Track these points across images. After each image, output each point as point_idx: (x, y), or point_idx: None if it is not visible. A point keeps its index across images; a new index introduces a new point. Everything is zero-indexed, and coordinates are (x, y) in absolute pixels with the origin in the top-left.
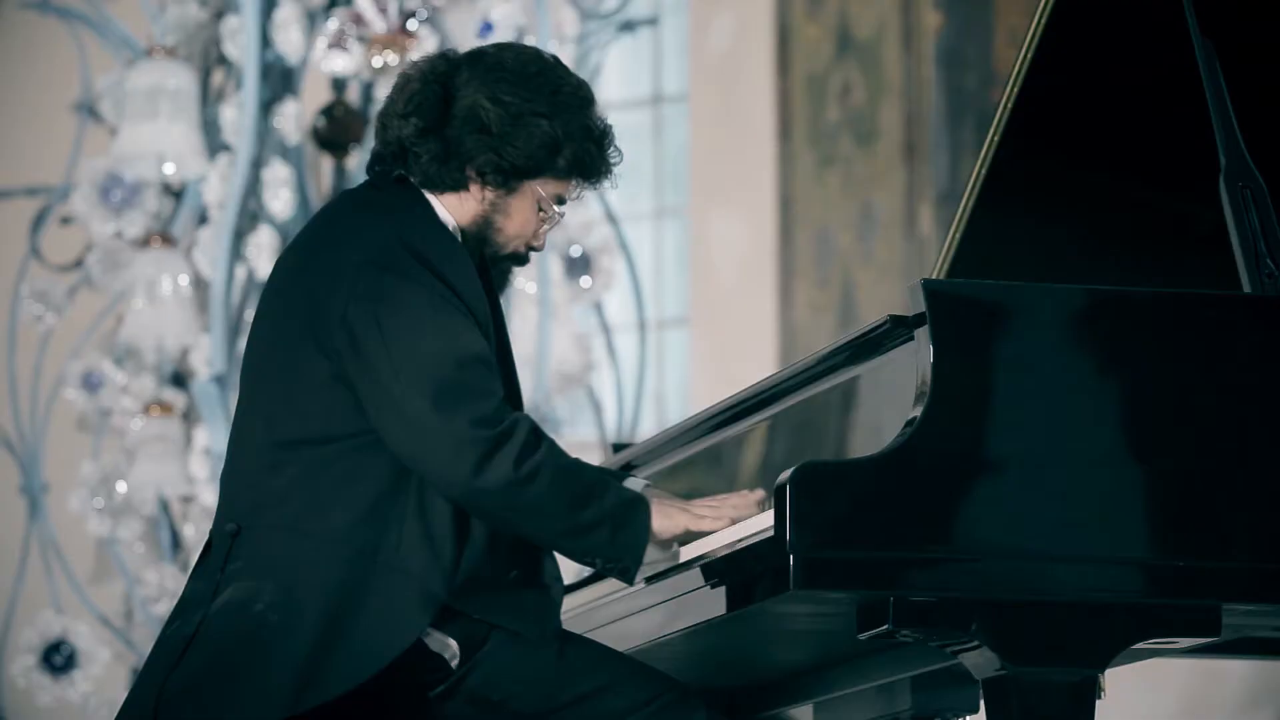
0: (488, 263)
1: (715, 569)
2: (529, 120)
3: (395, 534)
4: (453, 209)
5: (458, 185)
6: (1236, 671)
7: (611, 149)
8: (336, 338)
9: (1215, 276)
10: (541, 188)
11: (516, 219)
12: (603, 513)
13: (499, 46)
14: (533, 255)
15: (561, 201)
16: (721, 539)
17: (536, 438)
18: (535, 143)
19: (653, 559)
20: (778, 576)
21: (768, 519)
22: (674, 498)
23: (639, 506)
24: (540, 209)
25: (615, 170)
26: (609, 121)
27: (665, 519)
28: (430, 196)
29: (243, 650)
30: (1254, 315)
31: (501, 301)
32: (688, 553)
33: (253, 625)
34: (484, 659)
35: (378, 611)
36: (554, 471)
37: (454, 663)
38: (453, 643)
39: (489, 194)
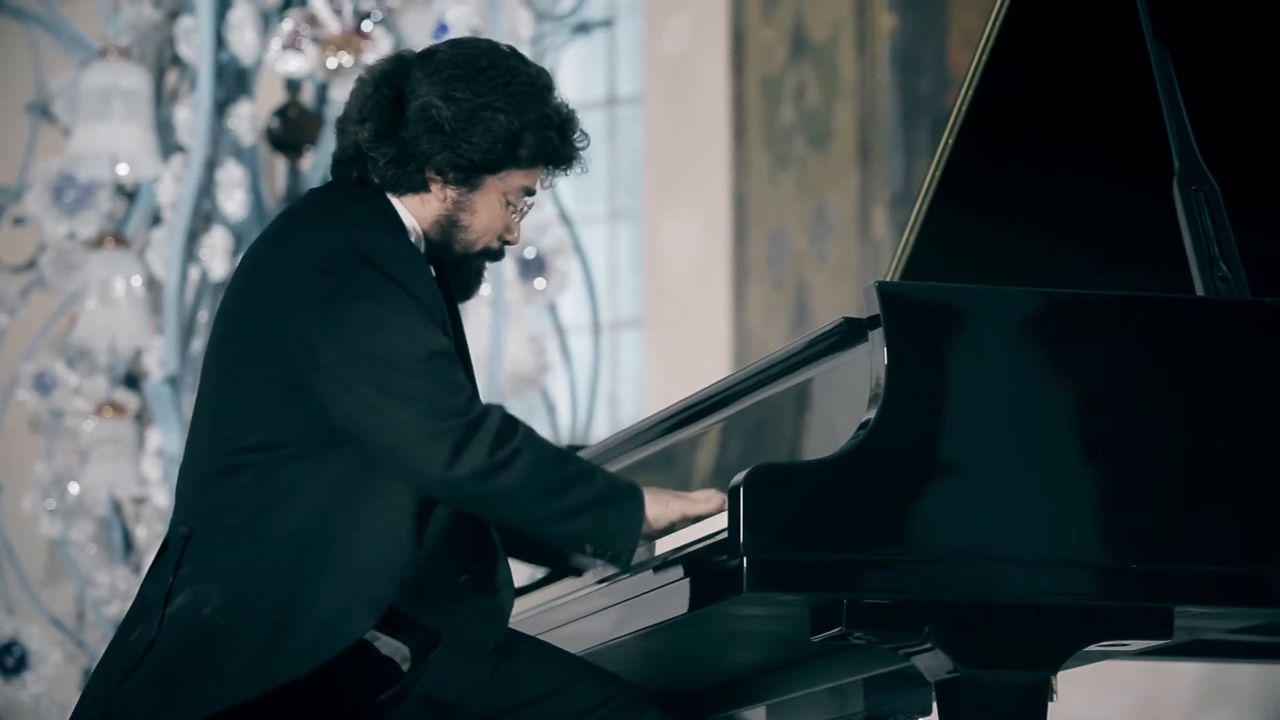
0: (459, 261)
1: (668, 571)
2: (484, 115)
3: (345, 536)
4: (414, 210)
5: (418, 187)
6: (1189, 673)
7: (577, 134)
8: (290, 346)
9: (1170, 278)
10: (506, 181)
11: (483, 215)
12: (589, 497)
13: (451, 43)
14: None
15: (530, 193)
16: (674, 541)
17: (512, 425)
18: (492, 137)
19: (648, 543)
20: (730, 579)
21: (721, 521)
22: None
23: (630, 492)
24: (508, 202)
25: (583, 155)
26: (570, 106)
27: (660, 505)
28: (392, 198)
29: (192, 654)
30: (1206, 318)
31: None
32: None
33: (202, 630)
34: (435, 662)
35: (322, 611)
36: (531, 456)
37: (405, 666)
38: (404, 647)
39: (451, 193)
